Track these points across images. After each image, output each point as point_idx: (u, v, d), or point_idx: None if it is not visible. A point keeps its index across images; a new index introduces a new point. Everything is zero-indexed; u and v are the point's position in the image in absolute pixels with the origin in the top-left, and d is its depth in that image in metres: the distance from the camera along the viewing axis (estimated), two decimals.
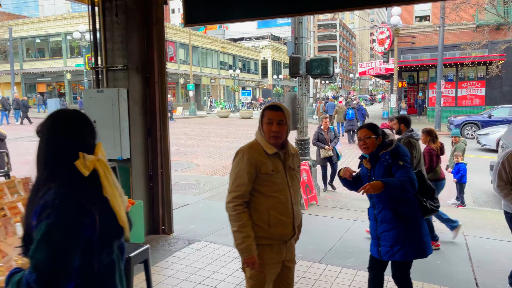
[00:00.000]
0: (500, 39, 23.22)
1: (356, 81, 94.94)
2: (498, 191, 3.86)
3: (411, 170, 3.03)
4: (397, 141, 3.24)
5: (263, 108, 2.66)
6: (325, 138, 8.70)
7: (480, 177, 10.78)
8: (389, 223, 3.11)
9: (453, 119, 20.04)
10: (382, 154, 3.12)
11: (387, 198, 3.11)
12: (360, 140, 3.21)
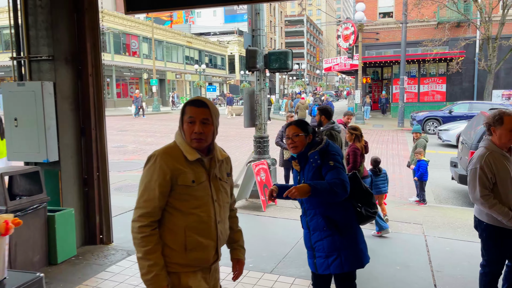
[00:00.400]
0: (460, 35, 23.70)
1: (323, 77, 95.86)
2: (482, 201, 3.22)
3: (343, 172, 2.69)
4: (327, 139, 2.91)
5: (184, 104, 2.19)
6: None
7: (441, 173, 10.75)
8: (322, 231, 2.80)
9: (415, 115, 20.25)
10: (310, 154, 2.79)
11: (319, 203, 2.79)
12: (288, 138, 2.86)
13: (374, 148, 14.73)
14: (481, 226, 3.44)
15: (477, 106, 18.96)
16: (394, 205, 7.58)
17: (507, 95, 24.43)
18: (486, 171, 3.21)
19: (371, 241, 5.57)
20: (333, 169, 2.66)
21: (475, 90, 24.84)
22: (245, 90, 7.90)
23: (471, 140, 7.92)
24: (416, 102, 25.86)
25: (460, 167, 8.47)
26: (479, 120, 8.49)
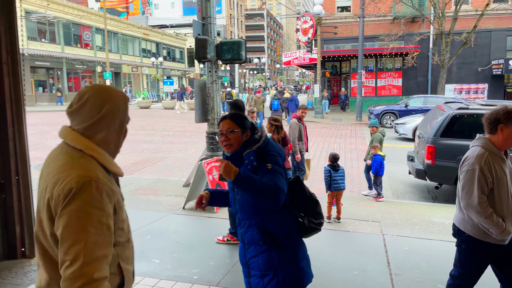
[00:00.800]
0: (415, 31, 24.17)
1: (284, 72, 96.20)
2: (478, 209, 2.77)
3: (280, 177, 2.26)
4: (267, 137, 2.48)
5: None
6: None
7: (398, 167, 10.71)
8: (258, 246, 2.38)
9: (373, 109, 20.42)
10: (246, 154, 2.35)
11: (254, 212, 2.36)
12: (221, 134, 2.41)
13: (332, 143, 14.61)
14: (462, 236, 3.05)
15: (432, 100, 19.35)
16: (352, 202, 7.35)
17: (458, 89, 25.23)
18: (486, 173, 2.77)
19: (329, 243, 5.27)
20: (270, 173, 2.24)
21: (429, 84, 25.49)
22: (196, 82, 7.38)
23: (427, 134, 7.82)
24: (374, 96, 26.21)
25: (417, 161, 8.38)
26: (435, 114, 8.42)
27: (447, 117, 7.54)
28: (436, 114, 8.28)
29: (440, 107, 8.29)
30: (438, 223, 6.13)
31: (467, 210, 2.89)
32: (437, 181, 7.72)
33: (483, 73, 24.77)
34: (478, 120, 8.21)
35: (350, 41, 26.13)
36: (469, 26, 22.03)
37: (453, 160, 7.42)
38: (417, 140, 8.62)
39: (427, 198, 8.21)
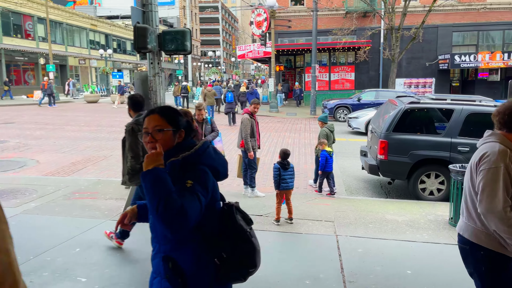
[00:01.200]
0: (367, 25, 24.51)
1: (240, 65, 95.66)
2: (502, 215, 2.27)
3: (195, 200, 1.76)
4: (207, 144, 2.01)
5: None
6: (198, 131, 7.22)
7: (351, 161, 10.62)
8: (163, 280, 1.91)
9: (326, 103, 20.47)
10: (170, 163, 1.89)
11: (165, 236, 1.88)
12: (146, 133, 1.92)
13: (287, 137, 14.38)
14: (477, 255, 2.43)
15: (383, 94, 19.66)
16: (305, 200, 7.07)
17: (408, 83, 25.92)
18: (511, 172, 2.31)
19: (280, 248, 4.91)
20: (186, 191, 1.76)
21: (381, 78, 26.00)
22: (136, 75, 6.77)
23: (380, 128, 7.68)
24: (327, 90, 26.38)
25: (370, 157, 8.25)
26: (387, 108, 8.32)
27: (399, 111, 7.43)
28: (388, 109, 8.17)
29: (392, 102, 8.19)
30: (392, 221, 5.97)
31: (487, 216, 2.34)
32: (390, 176, 7.61)
33: (430, 68, 25.59)
34: (429, 114, 8.21)
35: (304, 34, 26.09)
36: (417, 21, 22.60)
37: (405, 155, 7.33)
38: (370, 135, 8.50)
39: (380, 193, 8.11)
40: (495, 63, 23.11)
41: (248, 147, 7.22)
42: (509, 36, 25.02)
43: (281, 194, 5.86)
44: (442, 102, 7.55)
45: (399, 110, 7.43)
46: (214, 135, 7.02)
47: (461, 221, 2.63)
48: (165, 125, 1.92)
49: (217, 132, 7.11)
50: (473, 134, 7.33)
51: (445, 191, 7.30)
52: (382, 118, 8.09)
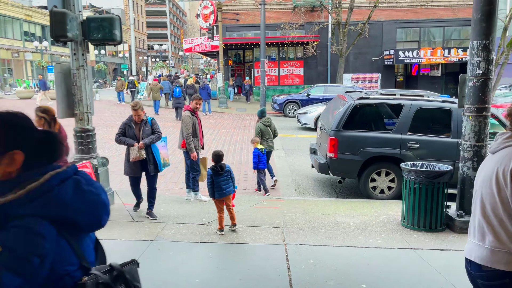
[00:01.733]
0: (315, 20, 24.45)
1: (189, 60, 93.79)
2: None
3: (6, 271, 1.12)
4: (52, 179, 1.27)
5: None
6: (135, 133, 5.72)
7: (301, 159, 10.28)
8: None
9: (276, 98, 20.15)
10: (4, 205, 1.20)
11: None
12: None
13: (235, 134, 13.83)
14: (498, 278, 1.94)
15: (332, 89, 19.67)
16: (253, 203, 6.57)
17: (355, 79, 26.28)
18: None
19: (223, 264, 4.35)
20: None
21: (329, 73, 26.15)
22: (57, 68, 5.89)
23: (329, 125, 7.34)
24: (277, 85, 26.14)
25: (320, 155, 7.90)
26: (336, 104, 8.00)
27: (348, 107, 7.11)
28: (337, 104, 7.85)
29: (341, 97, 7.88)
30: (343, 224, 5.61)
31: None
32: (340, 175, 7.30)
33: (376, 63, 26.07)
34: (378, 110, 7.94)
35: (252, 28, 25.60)
36: (363, 17, 22.85)
37: (355, 153, 7.03)
38: (319, 131, 8.15)
39: (331, 193, 7.79)
40: (436, 58, 23.93)
41: (190, 147, 6.59)
42: (448, 32, 26.04)
43: (219, 202, 5.28)
44: (392, 97, 7.34)
45: (349, 106, 7.12)
46: (153, 138, 5.75)
47: (474, 245, 2.10)
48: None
49: (158, 135, 5.82)
50: (423, 130, 7.18)
51: (395, 189, 7.09)
52: (332, 114, 7.76)
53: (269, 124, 8.08)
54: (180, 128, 6.81)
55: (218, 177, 5.17)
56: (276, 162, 9.89)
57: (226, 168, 5.25)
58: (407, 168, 5.49)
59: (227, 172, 5.22)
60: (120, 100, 24.51)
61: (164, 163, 5.84)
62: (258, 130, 7.86)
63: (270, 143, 7.96)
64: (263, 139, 7.85)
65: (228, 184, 5.21)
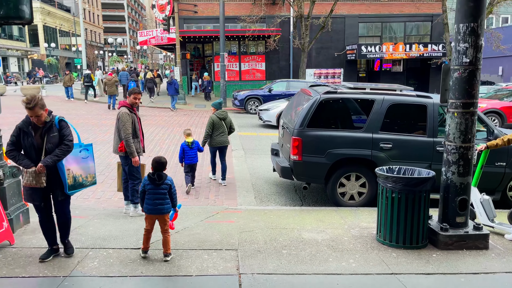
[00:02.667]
0: (276, 13, 23.58)
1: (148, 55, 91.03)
2: None
3: None
4: None
5: None
6: (34, 143, 3.91)
7: (262, 161, 9.34)
8: None
9: (237, 94, 19.15)
10: None
11: None
12: None
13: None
14: None
15: (295, 85, 18.90)
16: (204, 216, 5.56)
17: (318, 74, 25.72)
18: None
19: None
20: None
21: (291, 68, 25.39)
22: None
23: (292, 123, 6.44)
24: (238, 80, 25.10)
25: (282, 157, 6.99)
26: (300, 99, 7.11)
27: (314, 103, 6.23)
28: (301, 100, 6.96)
29: (306, 92, 6.99)
30: (310, 242, 4.71)
31: None
32: (305, 180, 6.41)
33: (339, 58, 25.60)
34: (347, 106, 7.03)
35: (212, 21, 24.40)
36: (326, 10, 22.24)
37: (322, 155, 6.17)
38: (282, 130, 7.23)
39: (295, 200, 6.90)
40: (398, 54, 23.72)
41: (131, 151, 5.47)
42: (409, 28, 25.95)
43: (150, 218, 4.23)
44: (361, 91, 6.51)
45: (314, 102, 6.23)
46: (58, 155, 3.90)
47: None
48: None
49: (67, 146, 3.98)
50: (396, 129, 6.42)
51: (367, 195, 6.30)
52: (295, 111, 6.87)
53: (224, 117, 7.40)
54: (115, 127, 5.68)
55: (154, 189, 4.13)
56: (235, 164, 8.91)
57: (166, 179, 4.21)
58: (383, 174, 4.66)
59: (166, 186, 4.17)
60: (69, 96, 22.64)
61: (83, 183, 4.19)
62: (210, 123, 7.26)
63: (223, 137, 7.35)
64: (215, 133, 7.29)
65: (163, 200, 4.16)
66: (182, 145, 7.01)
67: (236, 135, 12.34)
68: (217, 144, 7.30)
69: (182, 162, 7.02)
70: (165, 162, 4.24)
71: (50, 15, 56.58)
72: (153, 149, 10.22)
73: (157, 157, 4.27)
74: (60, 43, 59.85)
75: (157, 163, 4.19)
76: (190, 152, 6.95)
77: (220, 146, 7.36)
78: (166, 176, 4.22)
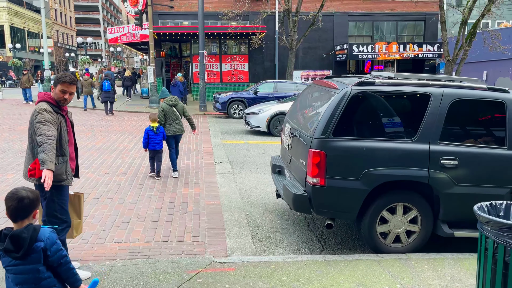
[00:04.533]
0: (260, 10, 21.57)
1: (125, 59, 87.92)
2: None
3: None
4: None
5: None
6: None
7: (255, 178, 7.16)
8: None
9: (218, 96, 16.98)
10: None
11: None
12: None
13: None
14: None
15: (283, 86, 16.93)
16: (174, 284, 3.40)
17: (305, 76, 23.83)
18: None
19: None
20: None
21: (277, 69, 23.39)
22: None
23: (308, 130, 4.35)
24: (219, 82, 22.93)
25: (291, 177, 4.87)
26: (316, 94, 5.05)
27: (343, 99, 4.15)
28: (318, 96, 4.90)
29: (325, 84, 4.90)
30: None
31: None
32: (330, 214, 4.31)
33: (327, 59, 23.78)
34: (391, 104, 3.34)
35: (190, 17, 22.19)
36: (315, 7, 20.41)
37: (356, 177, 4.10)
38: (289, 139, 5.10)
39: (311, 239, 4.78)
40: (392, 54, 22.07)
41: (47, 159, 3.13)
42: (401, 27, 24.40)
43: None
44: (409, 83, 4.47)
45: (343, 98, 4.16)
46: None
47: None
48: None
49: None
50: (463, 137, 4.40)
51: (419, 235, 4.28)
52: (310, 112, 4.80)
53: (174, 103, 7.07)
54: (28, 135, 3.45)
55: (13, 265, 2.03)
56: (220, 183, 6.75)
57: (37, 241, 2.08)
58: (486, 218, 2.61)
59: (35, 256, 2.06)
60: (27, 98, 20.01)
61: None
62: (161, 111, 6.93)
63: (177, 126, 7.05)
64: (168, 121, 6.98)
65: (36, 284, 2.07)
66: (146, 130, 6.72)
67: (219, 144, 10.17)
68: (173, 132, 7.00)
69: (146, 147, 6.77)
70: (33, 200, 2.11)
71: (17, 16, 53.24)
72: (113, 162, 7.95)
73: (14, 191, 2.14)
74: (30, 45, 56.42)
75: (12, 205, 2.07)
76: (155, 137, 6.72)
77: (176, 135, 7.08)
78: (35, 232, 2.07)
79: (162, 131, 6.82)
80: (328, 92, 4.51)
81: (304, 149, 4.32)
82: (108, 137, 10.80)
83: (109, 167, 7.53)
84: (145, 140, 6.69)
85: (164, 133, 6.85)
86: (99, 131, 11.80)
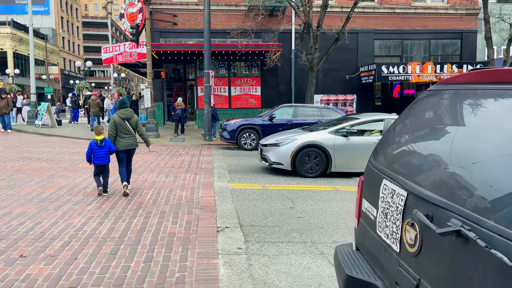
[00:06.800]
0: (275, 27, 18.94)
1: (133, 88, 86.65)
2: None
3: None
4: None
5: None
6: None
7: (291, 271, 4.01)
8: None
9: (226, 123, 14.06)
10: None
11: None
12: None
13: (161, 183, 7.43)
14: None
15: (305, 111, 14.04)
16: None
17: (325, 101, 20.95)
18: None
19: None
20: None
21: (293, 93, 20.53)
22: None
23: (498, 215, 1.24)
24: (228, 108, 20.09)
25: None
26: (459, 119, 1.98)
27: None
28: (494, 111, 1.82)
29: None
30: None
31: None
32: None
33: (350, 82, 20.92)
34: None
35: (195, 35, 19.64)
36: (337, 23, 17.75)
37: None
38: (403, 222, 1.97)
39: None
40: (427, 76, 19.14)
41: None
42: (434, 46, 21.55)
43: None
44: None
45: None
46: None
47: None
48: None
49: None
50: None
51: None
52: (486, 156, 1.71)
53: (128, 117, 6.64)
54: None
55: None
56: (225, 276, 3.61)
57: None
58: None
59: None
60: (5, 126, 17.23)
61: None
62: (112, 123, 6.54)
63: (129, 140, 6.63)
64: (119, 134, 6.56)
65: None
66: (90, 143, 6.37)
67: (225, 190, 7.09)
68: (125, 147, 6.57)
69: (90, 161, 6.41)
70: None
71: (22, 42, 51.95)
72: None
73: None
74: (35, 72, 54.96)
75: None
76: (99, 151, 6.34)
77: (129, 149, 6.68)
78: None
79: (108, 144, 6.41)
80: None
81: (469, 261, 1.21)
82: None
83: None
84: (89, 154, 6.38)
85: (112, 146, 6.45)
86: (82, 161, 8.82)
